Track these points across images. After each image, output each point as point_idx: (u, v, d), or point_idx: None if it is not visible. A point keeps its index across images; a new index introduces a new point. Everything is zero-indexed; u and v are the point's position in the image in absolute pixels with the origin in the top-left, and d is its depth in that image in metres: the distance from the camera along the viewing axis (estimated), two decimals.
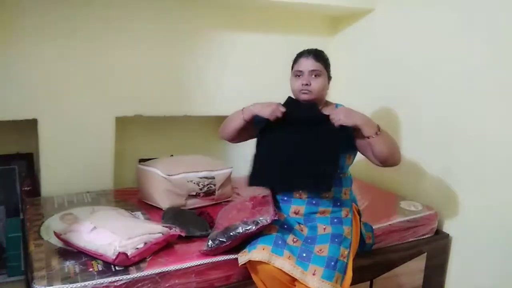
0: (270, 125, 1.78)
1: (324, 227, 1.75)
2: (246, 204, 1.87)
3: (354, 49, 2.87)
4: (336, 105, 1.89)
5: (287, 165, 1.77)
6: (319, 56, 1.80)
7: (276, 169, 1.79)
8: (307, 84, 1.77)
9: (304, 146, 1.77)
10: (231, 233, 1.68)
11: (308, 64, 1.78)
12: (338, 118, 1.69)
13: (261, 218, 1.65)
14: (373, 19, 2.70)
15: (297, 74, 1.81)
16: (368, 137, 1.70)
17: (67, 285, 1.48)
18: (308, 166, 1.75)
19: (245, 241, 1.71)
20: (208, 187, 2.23)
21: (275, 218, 1.66)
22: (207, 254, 1.72)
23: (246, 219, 1.69)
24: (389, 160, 1.78)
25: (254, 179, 1.82)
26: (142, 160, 2.54)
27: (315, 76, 1.78)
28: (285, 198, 1.83)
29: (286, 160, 1.77)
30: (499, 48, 2.02)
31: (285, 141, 1.79)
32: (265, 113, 1.75)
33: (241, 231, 1.66)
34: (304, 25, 2.87)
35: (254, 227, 1.65)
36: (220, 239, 1.69)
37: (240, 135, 1.90)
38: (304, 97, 1.79)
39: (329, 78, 1.85)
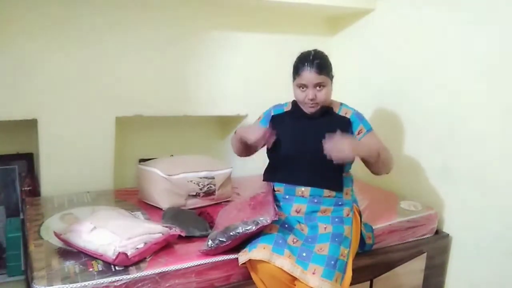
0: (276, 123, 1.83)
1: (325, 226, 1.75)
2: (246, 204, 1.87)
3: (354, 49, 2.87)
4: (341, 104, 1.88)
5: (297, 161, 1.80)
6: (321, 66, 1.74)
7: (287, 165, 1.83)
8: (313, 99, 1.76)
9: (314, 141, 1.75)
10: (231, 233, 1.68)
11: (311, 78, 1.73)
12: (343, 150, 1.61)
13: (261, 218, 1.65)
14: (373, 19, 2.70)
15: (300, 86, 1.78)
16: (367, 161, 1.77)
17: (67, 285, 1.47)
18: (319, 163, 1.75)
19: (245, 241, 1.71)
20: (208, 187, 2.23)
21: (275, 218, 1.66)
22: (206, 254, 1.72)
23: (246, 219, 1.69)
24: (382, 173, 1.87)
25: (267, 174, 1.89)
26: (142, 160, 2.54)
27: (320, 87, 1.76)
28: (287, 197, 1.83)
29: (296, 156, 1.81)
30: (499, 47, 2.02)
31: (293, 138, 1.83)
32: (249, 138, 1.74)
33: (241, 231, 1.66)
34: (304, 25, 2.87)
35: (254, 227, 1.65)
36: (220, 239, 1.69)
37: (248, 151, 1.94)
38: (311, 110, 1.81)
39: (332, 78, 1.84)
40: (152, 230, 1.72)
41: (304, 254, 1.65)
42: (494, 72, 2.05)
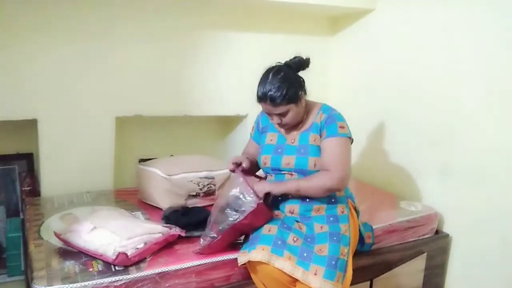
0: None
1: (320, 226, 1.74)
2: (233, 195, 1.76)
3: (354, 49, 2.87)
4: (322, 106, 1.84)
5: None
6: (276, 99, 1.67)
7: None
8: (279, 123, 1.76)
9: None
10: (220, 227, 1.68)
11: (270, 110, 1.73)
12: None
13: (245, 205, 1.63)
14: (373, 19, 2.70)
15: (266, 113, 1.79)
16: None
17: (67, 285, 1.47)
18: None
19: (239, 234, 1.72)
20: (208, 187, 2.23)
21: (260, 201, 1.64)
22: (201, 253, 1.72)
23: (232, 210, 1.67)
24: (326, 195, 1.77)
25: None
26: (142, 160, 2.54)
27: (283, 115, 1.73)
28: (279, 198, 1.82)
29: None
30: (500, 48, 2.02)
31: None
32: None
33: (230, 223, 1.66)
34: (304, 25, 2.87)
35: (241, 216, 1.64)
36: (211, 235, 1.69)
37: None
38: (285, 129, 1.82)
39: (301, 96, 1.74)
40: (152, 230, 1.72)
41: (305, 254, 1.64)
42: (494, 72, 2.05)
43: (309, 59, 1.78)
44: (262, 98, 1.72)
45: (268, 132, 1.89)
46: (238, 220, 1.65)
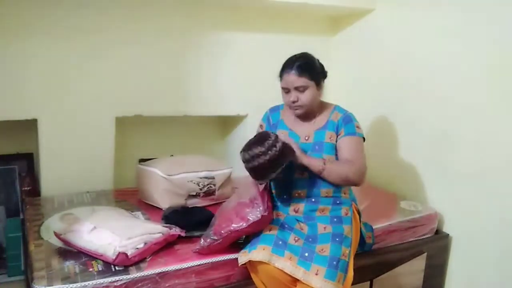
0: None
1: (324, 226, 1.75)
2: (242, 201, 1.84)
3: (354, 49, 2.87)
4: (334, 108, 1.87)
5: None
6: (302, 69, 1.73)
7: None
8: (295, 101, 1.76)
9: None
10: (222, 231, 1.68)
11: (292, 80, 1.74)
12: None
13: (251, 214, 1.65)
14: (373, 19, 2.70)
15: (284, 90, 1.79)
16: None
17: (67, 285, 1.48)
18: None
19: (240, 238, 1.72)
20: (208, 187, 2.23)
21: (265, 213, 1.65)
22: (200, 252, 1.72)
23: (238, 216, 1.68)
24: (342, 185, 1.80)
25: None
26: (142, 160, 2.54)
27: (302, 90, 1.75)
28: (285, 197, 1.83)
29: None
30: (499, 48, 2.02)
31: None
32: None
33: (232, 229, 1.66)
34: (304, 25, 2.87)
35: (245, 224, 1.64)
36: (212, 237, 1.70)
37: None
38: (297, 112, 1.81)
39: (321, 83, 1.81)
40: (152, 230, 1.73)
41: (306, 254, 1.64)
42: (496, 72, 2.05)
43: (326, 72, 1.87)
44: (288, 66, 1.76)
45: (278, 129, 1.89)
46: (241, 227, 1.65)
